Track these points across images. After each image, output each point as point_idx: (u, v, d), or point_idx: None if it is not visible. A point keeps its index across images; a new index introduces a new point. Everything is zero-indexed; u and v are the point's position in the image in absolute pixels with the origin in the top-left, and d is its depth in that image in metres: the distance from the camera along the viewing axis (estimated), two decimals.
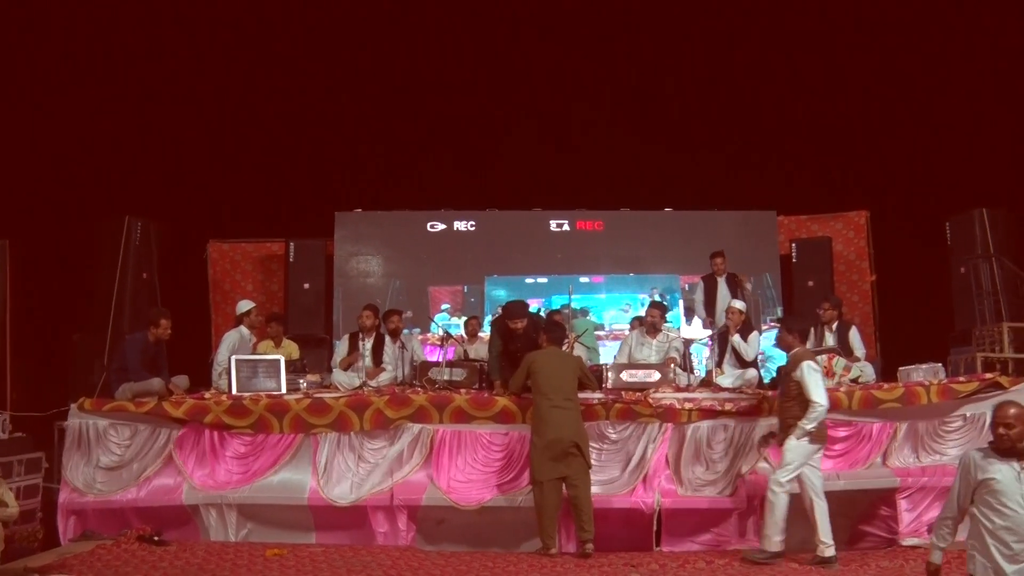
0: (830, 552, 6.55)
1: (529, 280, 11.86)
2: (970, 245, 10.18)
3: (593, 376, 7.46)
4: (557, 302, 11.21)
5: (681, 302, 11.67)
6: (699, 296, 10.04)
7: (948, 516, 4.62)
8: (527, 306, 8.17)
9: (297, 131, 12.16)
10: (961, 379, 7.66)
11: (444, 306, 11.83)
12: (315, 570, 6.30)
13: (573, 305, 10.37)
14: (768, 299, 11.81)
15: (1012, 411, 4.38)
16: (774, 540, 6.58)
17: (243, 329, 8.87)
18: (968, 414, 7.36)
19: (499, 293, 11.72)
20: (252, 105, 11.95)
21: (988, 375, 7.58)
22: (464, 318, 11.17)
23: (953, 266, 10.53)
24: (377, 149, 12.30)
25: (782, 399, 6.88)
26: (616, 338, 11.17)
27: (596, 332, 10.61)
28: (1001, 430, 4.35)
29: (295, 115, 12.17)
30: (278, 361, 8.04)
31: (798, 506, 7.08)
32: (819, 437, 6.66)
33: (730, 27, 12.22)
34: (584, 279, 11.78)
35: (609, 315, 11.84)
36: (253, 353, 8.66)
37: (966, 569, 4.55)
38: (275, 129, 12.05)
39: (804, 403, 6.57)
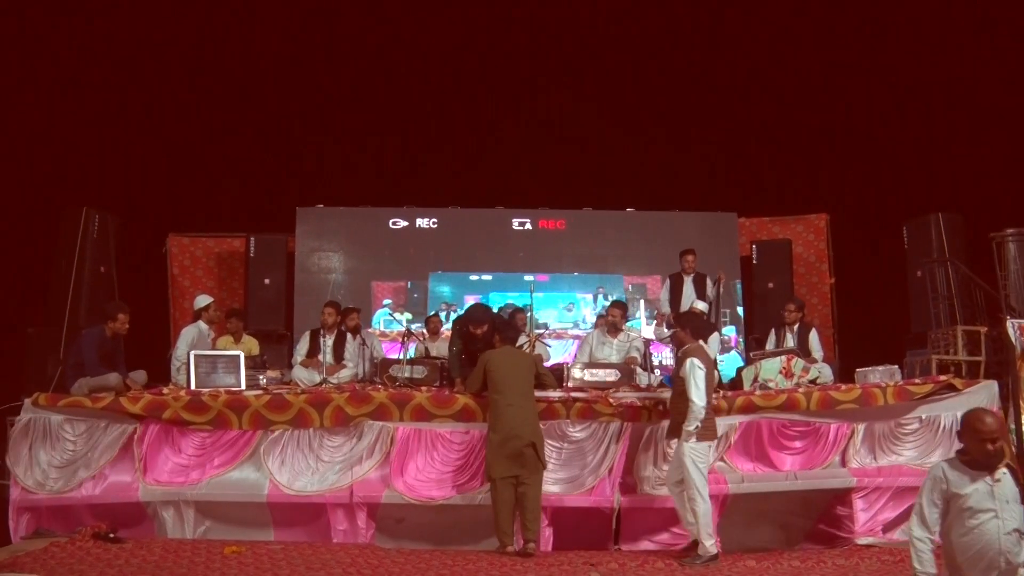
0: (714, 549, 6.65)
1: (474, 277, 11.84)
2: (926, 249, 10.34)
3: (551, 374, 7.46)
4: (496, 300, 11.23)
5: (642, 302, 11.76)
6: (665, 295, 10.07)
7: (924, 537, 4.24)
8: (489, 310, 8.17)
9: (259, 125, 12.04)
10: (916, 381, 7.78)
11: (386, 301, 11.73)
12: (274, 567, 6.22)
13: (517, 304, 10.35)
14: (732, 300, 11.91)
15: (989, 421, 4.11)
16: (707, 545, 6.60)
17: (202, 324, 8.78)
18: (923, 416, 7.51)
19: (443, 289, 11.74)
20: (214, 98, 11.81)
21: (942, 377, 7.72)
22: (408, 314, 11.15)
23: (910, 269, 10.69)
24: (340, 145, 12.22)
25: (672, 396, 6.94)
26: (559, 336, 11.22)
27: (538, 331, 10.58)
28: (988, 446, 4.06)
29: (257, 109, 12.05)
30: (238, 357, 7.95)
31: (773, 505, 7.21)
32: (709, 434, 6.69)
33: (695, 30, 12.32)
34: (528, 277, 11.73)
35: (552, 314, 11.89)
36: (212, 349, 8.58)
37: None
38: (237, 123, 11.92)
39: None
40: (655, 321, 9.18)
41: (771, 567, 6.64)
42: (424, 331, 10.06)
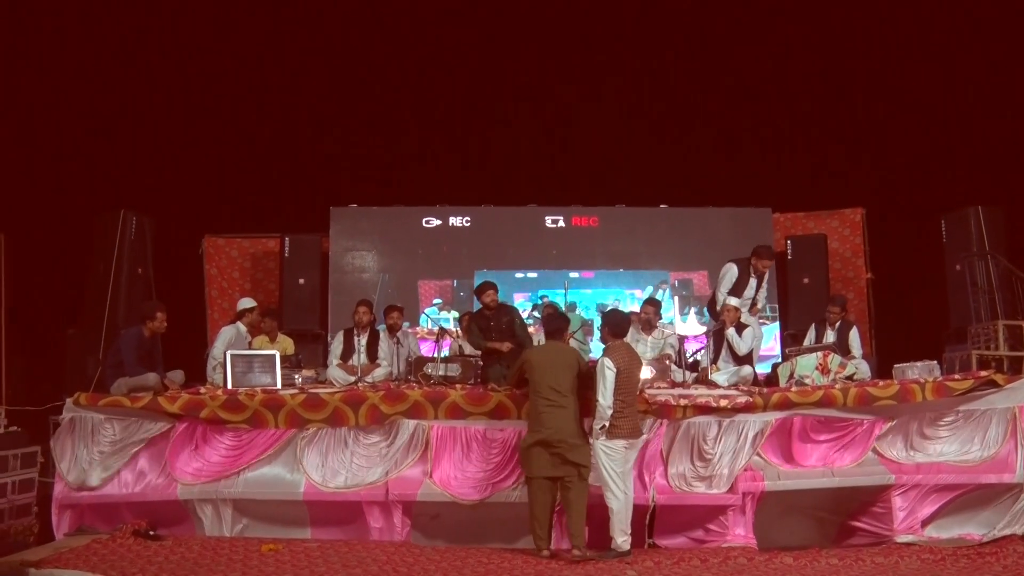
0: (626, 546, 6.67)
1: (519, 275, 11.82)
2: (966, 243, 10.21)
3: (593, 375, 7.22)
4: (534, 299, 11.27)
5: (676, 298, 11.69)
6: (727, 280, 9.23)
7: None
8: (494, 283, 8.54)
9: (293, 126, 12.14)
10: (956, 377, 7.66)
11: (435, 300, 11.79)
12: (310, 565, 6.29)
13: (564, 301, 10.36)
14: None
15: None
16: (619, 541, 6.60)
17: (240, 325, 8.87)
18: (963, 412, 7.39)
19: None
20: (248, 100, 11.93)
21: (983, 373, 7.59)
22: (455, 313, 11.18)
23: (948, 264, 10.56)
24: (373, 144, 12.28)
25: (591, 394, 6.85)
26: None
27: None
28: None
29: (291, 110, 12.16)
30: (273, 356, 8.03)
31: (810, 502, 7.15)
32: (628, 431, 6.66)
33: (726, 23, 12.22)
34: (574, 274, 11.71)
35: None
36: (249, 349, 8.66)
37: None
38: (270, 124, 12.03)
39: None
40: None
41: (808, 564, 6.59)
42: (458, 329, 10.09)
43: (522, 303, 11.35)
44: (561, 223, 12.02)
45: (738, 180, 12.01)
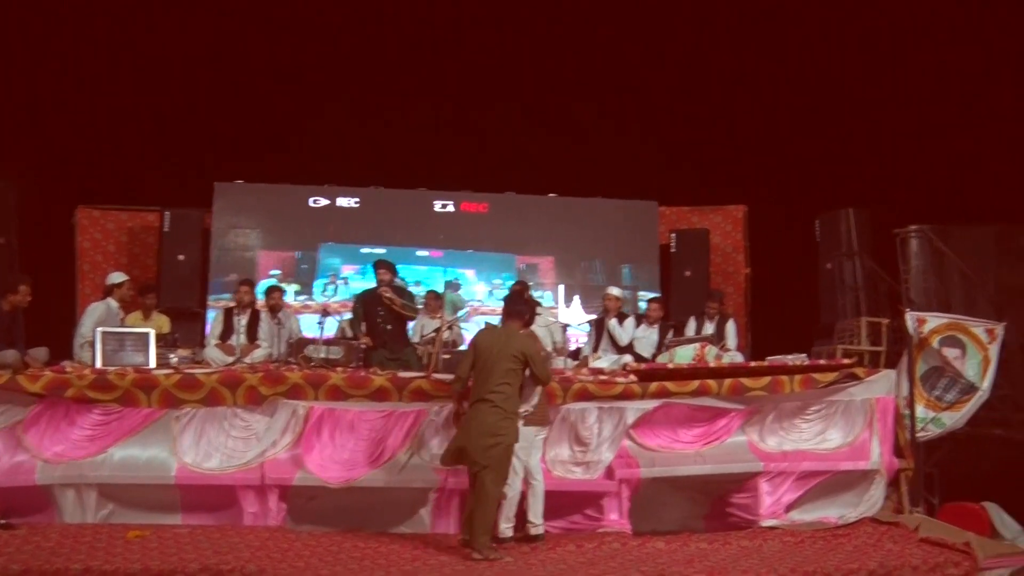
0: (539, 531, 6.76)
1: (365, 250, 11.65)
2: (837, 243, 10.64)
3: (546, 367, 6.79)
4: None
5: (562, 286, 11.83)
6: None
7: None
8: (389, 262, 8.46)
9: (178, 96, 11.68)
10: (821, 363, 8.08)
11: (273, 271, 11.44)
12: (179, 551, 6.09)
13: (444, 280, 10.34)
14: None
15: None
16: (502, 527, 6.63)
17: (111, 301, 8.53)
18: (826, 402, 7.77)
19: (333, 261, 11.59)
20: (130, 64, 11.40)
21: (845, 361, 8.04)
22: (296, 285, 11.08)
23: (821, 262, 10.99)
24: (261, 120, 11.92)
25: None
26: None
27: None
28: None
29: (177, 79, 11.68)
30: (147, 334, 7.75)
31: (672, 488, 7.35)
32: (539, 419, 6.73)
33: (620, 17, 12.39)
34: (423, 252, 11.66)
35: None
36: (121, 326, 8.33)
37: None
38: (155, 92, 11.54)
39: None
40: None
41: (679, 548, 6.80)
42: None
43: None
44: (450, 208, 11.99)
45: (627, 173, 12.23)
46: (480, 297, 11.71)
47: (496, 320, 7.65)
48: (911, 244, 9.62)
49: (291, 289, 10.95)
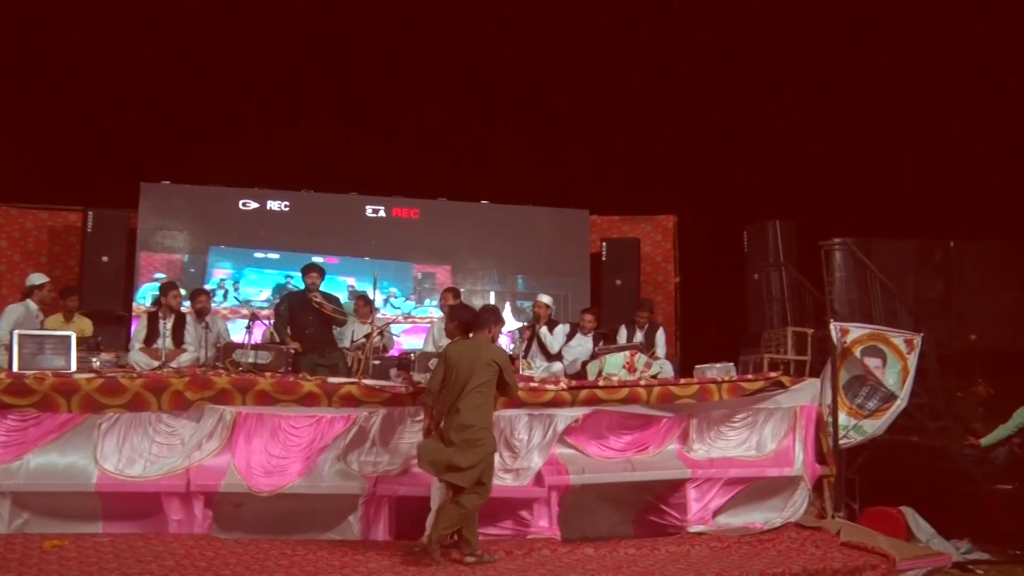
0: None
1: (259, 254, 11.49)
2: (764, 253, 10.84)
3: (515, 380, 6.72)
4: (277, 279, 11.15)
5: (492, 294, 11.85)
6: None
7: None
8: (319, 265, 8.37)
9: (103, 93, 11.39)
10: (749, 377, 8.21)
11: (157, 275, 11.10)
12: (100, 561, 5.91)
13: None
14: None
15: None
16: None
17: (30, 303, 8.26)
18: (753, 410, 7.93)
19: (223, 265, 11.36)
20: (54, 60, 11.08)
21: (772, 374, 8.20)
22: (183, 291, 10.79)
23: (748, 272, 11.21)
24: (190, 120, 11.72)
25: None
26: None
27: None
28: None
29: (101, 76, 11.39)
30: (68, 338, 7.48)
31: (601, 495, 7.41)
32: None
33: (555, 28, 12.52)
34: (318, 259, 11.24)
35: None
36: (41, 329, 8.06)
37: None
38: (78, 88, 11.24)
39: None
40: None
41: (608, 555, 6.85)
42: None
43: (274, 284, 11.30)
44: (382, 213, 11.91)
45: (558, 181, 12.34)
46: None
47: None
48: (835, 256, 9.90)
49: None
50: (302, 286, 8.87)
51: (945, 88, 11.96)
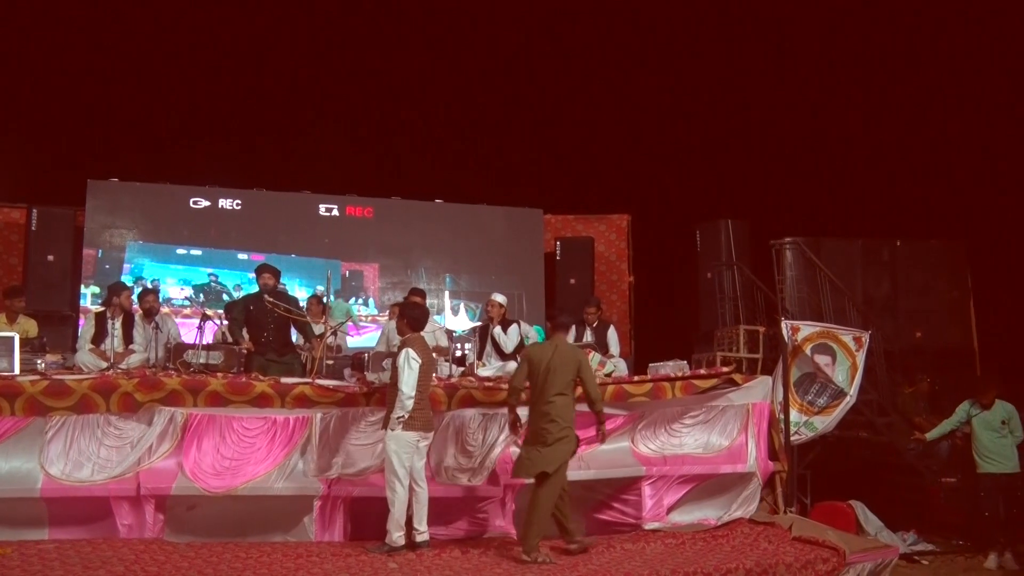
0: (424, 537, 6.74)
1: (181, 250, 11.25)
2: (716, 253, 10.96)
3: (591, 377, 6.98)
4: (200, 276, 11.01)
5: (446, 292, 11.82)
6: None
7: None
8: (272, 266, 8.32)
9: (49, 86, 11.13)
10: (702, 372, 8.32)
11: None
12: (45, 568, 5.77)
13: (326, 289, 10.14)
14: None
15: None
16: (395, 536, 6.58)
17: None
18: (705, 407, 8.02)
19: (140, 261, 11.11)
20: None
21: (724, 369, 8.32)
22: (93, 287, 10.62)
23: (701, 271, 11.31)
24: (139, 117, 11.52)
25: (388, 386, 6.84)
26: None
27: None
28: None
29: (47, 69, 11.13)
30: (11, 339, 7.28)
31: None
32: (421, 425, 6.69)
33: (510, 27, 12.54)
34: (243, 255, 11.28)
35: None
36: None
37: None
38: (23, 81, 10.96)
39: None
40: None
41: (563, 552, 6.87)
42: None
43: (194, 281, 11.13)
44: (335, 212, 11.80)
45: (512, 180, 12.35)
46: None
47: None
48: (786, 255, 10.06)
49: (88, 292, 10.44)
50: (236, 283, 8.70)
51: (892, 90, 12.22)
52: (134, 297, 8.89)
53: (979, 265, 10.92)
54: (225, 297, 10.86)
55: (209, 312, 8.88)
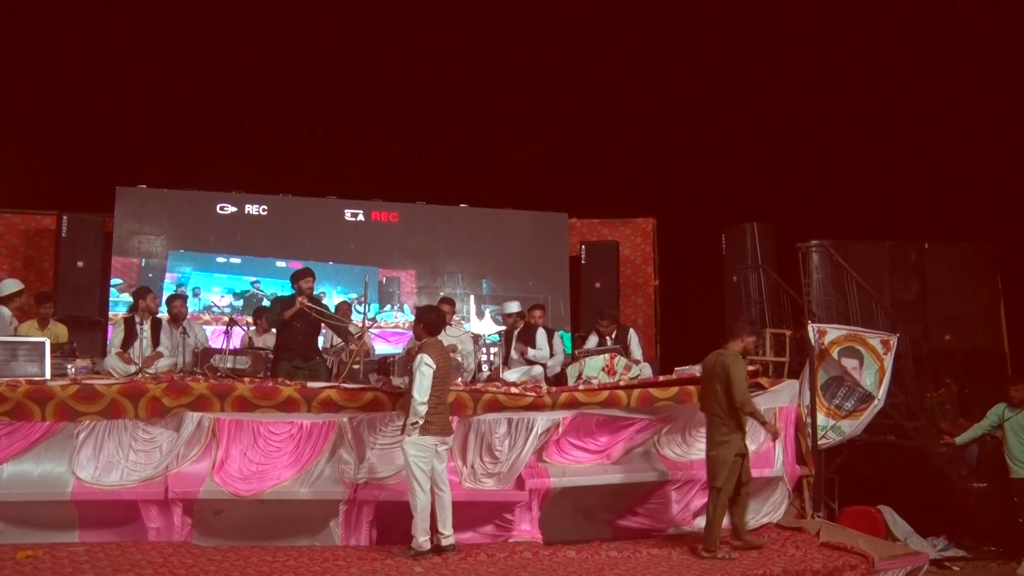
0: (450, 541, 6.71)
1: (220, 259, 11.38)
2: (742, 256, 10.89)
3: (739, 384, 7.08)
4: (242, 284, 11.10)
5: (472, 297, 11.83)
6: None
7: None
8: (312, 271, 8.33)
9: (80, 96, 11.27)
10: None
11: (113, 280, 10.95)
12: (75, 571, 5.85)
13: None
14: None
15: None
16: (420, 540, 6.58)
17: (4, 310, 8.12)
18: None
19: (183, 269, 11.25)
20: (28, 62, 10.96)
21: (750, 368, 8.24)
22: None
23: (727, 274, 11.25)
24: (167, 124, 11.63)
25: (406, 391, 6.83)
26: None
27: None
28: None
29: (79, 79, 11.28)
30: (42, 344, 7.39)
31: (582, 498, 7.39)
32: (440, 429, 6.68)
33: (536, 32, 12.55)
34: (281, 263, 11.35)
35: None
36: (14, 335, 7.95)
37: None
38: (54, 91, 11.12)
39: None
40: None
41: (589, 558, 6.86)
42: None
43: (237, 289, 11.18)
44: (361, 217, 11.85)
45: (537, 184, 12.34)
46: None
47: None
48: (812, 258, 9.96)
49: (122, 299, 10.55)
50: (272, 291, 8.74)
51: (920, 92, 12.09)
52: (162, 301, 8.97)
53: (1009, 268, 10.75)
54: (266, 303, 10.92)
55: (236, 318, 8.95)
